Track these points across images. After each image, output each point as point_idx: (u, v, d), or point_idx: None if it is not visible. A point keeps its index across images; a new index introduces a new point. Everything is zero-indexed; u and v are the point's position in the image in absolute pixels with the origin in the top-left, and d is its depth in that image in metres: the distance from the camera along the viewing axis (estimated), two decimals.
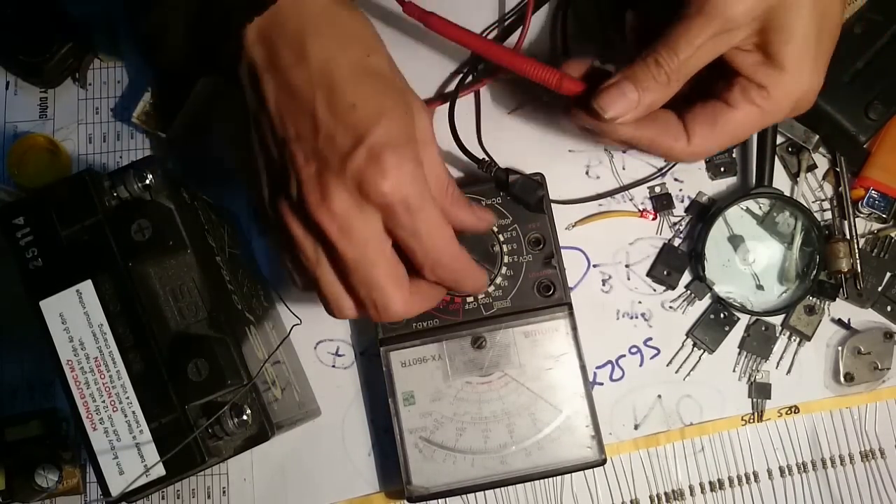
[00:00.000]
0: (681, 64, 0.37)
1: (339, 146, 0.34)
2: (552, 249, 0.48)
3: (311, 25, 0.35)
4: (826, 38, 0.37)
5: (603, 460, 0.46)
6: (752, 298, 0.50)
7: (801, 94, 0.38)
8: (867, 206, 0.50)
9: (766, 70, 0.37)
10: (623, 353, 0.51)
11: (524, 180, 0.47)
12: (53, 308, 0.37)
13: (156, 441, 0.36)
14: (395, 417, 0.46)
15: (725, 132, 0.39)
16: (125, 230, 0.37)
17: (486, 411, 0.46)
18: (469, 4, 0.53)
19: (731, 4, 0.35)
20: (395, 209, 0.35)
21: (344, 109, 0.35)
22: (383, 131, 0.34)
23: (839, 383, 0.50)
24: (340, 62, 0.35)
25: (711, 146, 0.40)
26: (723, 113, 0.39)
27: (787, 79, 0.37)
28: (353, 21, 0.37)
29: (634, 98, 0.38)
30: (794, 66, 0.37)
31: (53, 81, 0.54)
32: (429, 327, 0.47)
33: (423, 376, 0.47)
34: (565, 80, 0.40)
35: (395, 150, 0.34)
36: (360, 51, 0.36)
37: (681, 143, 0.39)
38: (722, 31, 0.36)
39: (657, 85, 0.38)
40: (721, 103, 0.39)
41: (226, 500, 0.50)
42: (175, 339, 0.37)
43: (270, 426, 0.38)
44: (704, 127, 0.39)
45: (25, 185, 0.52)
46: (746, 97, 0.38)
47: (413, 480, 0.46)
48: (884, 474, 0.49)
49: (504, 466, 0.46)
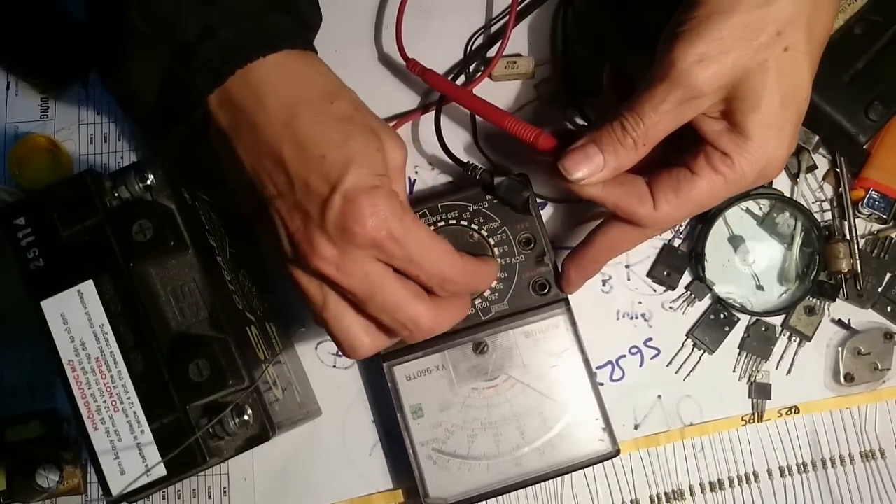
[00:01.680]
0: (646, 129, 0.37)
1: (315, 196, 0.35)
2: (543, 248, 0.48)
3: (268, 83, 0.36)
4: (791, 108, 0.37)
5: (617, 451, 0.45)
6: (752, 299, 0.50)
7: (766, 162, 0.37)
8: (867, 206, 0.50)
9: (731, 138, 0.37)
10: (623, 353, 0.51)
11: (510, 182, 0.47)
12: (55, 308, 0.37)
13: (157, 441, 0.36)
14: (405, 432, 0.46)
15: (690, 200, 0.38)
16: (126, 230, 0.37)
17: (495, 415, 0.46)
18: (458, 6, 0.53)
19: (696, 73, 0.35)
20: (383, 245, 0.36)
21: (314, 160, 0.35)
22: (353, 177, 0.35)
23: (839, 383, 0.50)
24: (302, 114, 0.36)
25: (676, 214, 0.39)
26: (687, 180, 0.38)
27: (752, 147, 0.37)
28: (309, 70, 0.38)
29: (600, 162, 0.38)
30: (758, 134, 0.36)
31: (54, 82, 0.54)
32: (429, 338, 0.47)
33: (429, 387, 0.47)
34: (541, 137, 0.41)
35: (367, 194, 0.35)
36: (321, 98, 0.37)
37: (645, 208, 0.39)
38: (686, 98, 0.36)
39: (623, 150, 0.38)
40: (686, 170, 0.38)
41: (226, 500, 0.50)
42: (176, 339, 0.37)
43: (271, 426, 0.38)
44: (668, 193, 0.38)
45: (26, 185, 0.52)
46: (711, 165, 0.37)
47: (430, 493, 0.46)
48: (884, 474, 0.49)
49: (519, 469, 0.46)
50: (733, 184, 0.38)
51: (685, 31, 0.35)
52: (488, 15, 0.54)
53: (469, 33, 0.53)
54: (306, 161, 0.35)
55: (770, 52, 0.35)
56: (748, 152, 0.37)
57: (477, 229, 0.48)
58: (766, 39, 0.35)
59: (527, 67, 0.52)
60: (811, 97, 0.48)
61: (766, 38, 0.35)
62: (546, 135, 0.42)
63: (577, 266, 0.44)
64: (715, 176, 0.38)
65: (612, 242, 0.43)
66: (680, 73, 0.35)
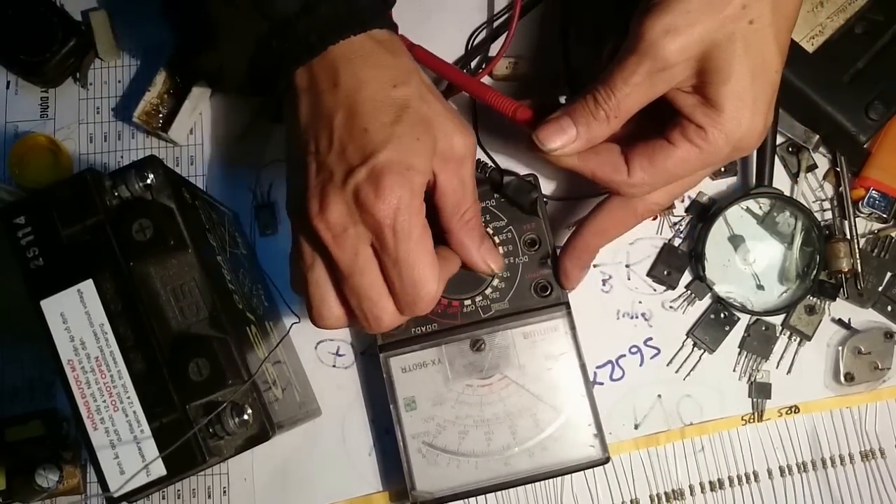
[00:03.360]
0: (618, 102, 0.38)
1: (346, 162, 0.37)
2: (548, 250, 0.48)
3: (346, 59, 0.39)
4: (762, 81, 0.37)
5: (606, 458, 0.46)
6: (752, 298, 0.50)
7: (741, 135, 0.38)
8: (867, 206, 0.50)
9: (705, 111, 0.38)
10: (623, 352, 0.51)
11: (518, 182, 0.47)
12: (54, 308, 0.37)
13: (157, 440, 0.36)
14: (397, 424, 0.46)
15: (664, 169, 0.39)
16: (126, 230, 0.37)
17: (487, 414, 0.46)
18: (458, 6, 0.53)
19: (663, 44, 0.36)
20: (382, 230, 0.36)
21: (358, 131, 0.37)
22: (388, 155, 0.36)
23: (839, 383, 0.50)
24: (365, 91, 0.38)
25: (650, 181, 0.40)
26: (662, 149, 0.39)
27: (725, 120, 0.37)
28: (384, 53, 0.40)
29: (573, 133, 0.39)
30: (730, 107, 0.37)
31: (54, 81, 0.54)
32: (428, 332, 0.47)
33: (424, 381, 0.47)
34: (519, 110, 0.43)
35: (394, 174, 0.36)
36: (387, 81, 0.38)
37: (620, 176, 0.40)
38: (655, 70, 0.37)
39: (595, 122, 0.39)
40: (663, 141, 0.39)
41: (226, 499, 0.50)
42: (176, 338, 0.37)
43: (271, 426, 0.38)
44: (644, 161, 0.40)
45: (26, 184, 0.52)
46: (686, 137, 0.38)
47: (417, 486, 0.46)
48: (884, 474, 0.49)
49: (508, 468, 0.46)
50: (709, 155, 0.39)
51: (654, 6, 0.37)
52: (490, 13, 0.54)
53: (468, 31, 0.53)
54: (351, 130, 0.37)
55: (736, 24, 0.36)
56: (721, 125, 0.38)
57: None
58: (732, 12, 0.36)
59: (527, 68, 0.52)
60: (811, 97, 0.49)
61: (732, 10, 0.36)
62: (523, 107, 0.43)
63: (572, 257, 0.45)
64: (690, 147, 0.39)
65: (602, 226, 0.44)
66: (648, 45, 0.36)
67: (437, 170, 0.38)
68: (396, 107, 0.38)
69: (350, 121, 0.37)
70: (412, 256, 0.37)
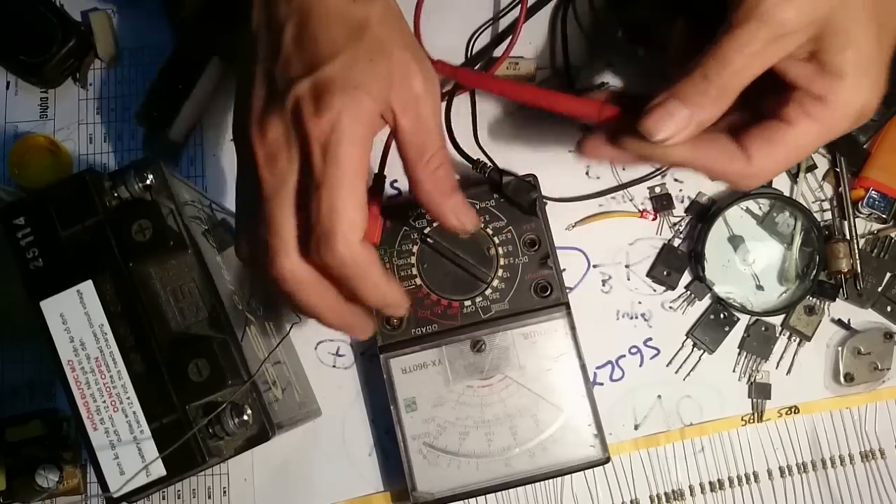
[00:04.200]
0: (732, 76, 0.34)
1: (290, 72, 0.34)
2: (548, 250, 0.48)
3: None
4: (886, 44, 0.35)
5: (606, 459, 0.46)
6: (752, 299, 0.50)
7: (864, 102, 0.35)
8: (867, 206, 0.50)
9: (824, 79, 0.35)
10: (623, 353, 0.51)
11: (517, 182, 0.47)
12: (54, 308, 0.37)
13: (156, 441, 0.36)
14: (397, 425, 0.46)
15: (786, 151, 0.36)
16: (126, 230, 0.37)
17: (488, 414, 0.46)
18: (464, 4, 0.53)
19: (784, 8, 0.33)
20: (312, 148, 0.33)
21: (308, 41, 0.34)
22: (335, 68, 0.34)
23: (839, 383, 0.50)
24: (320, 3, 0.35)
25: (773, 166, 0.37)
26: (779, 130, 0.36)
27: (848, 87, 0.34)
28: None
29: (685, 116, 0.35)
30: (853, 73, 0.34)
31: (54, 81, 0.54)
32: (428, 332, 0.47)
33: (424, 382, 0.47)
34: (604, 109, 0.38)
35: (339, 90, 0.33)
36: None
37: (738, 164, 0.37)
38: (774, 37, 0.33)
39: (707, 101, 0.35)
40: (776, 121, 0.36)
41: (226, 500, 0.50)
42: (176, 339, 0.37)
43: (271, 426, 0.38)
44: (762, 145, 0.36)
45: (26, 185, 0.52)
46: (804, 111, 0.35)
47: (418, 487, 0.46)
48: (884, 474, 0.49)
49: (508, 469, 0.46)
50: (830, 128, 0.36)
51: None
52: (496, 9, 0.54)
53: (469, 32, 0.53)
54: (299, 39, 0.35)
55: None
56: (845, 92, 0.35)
57: (482, 227, 0.48)
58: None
59: (528, 69, 0.52)
60: None
61: None
62: (606, 105, 0.38)
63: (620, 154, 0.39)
64: (810, 122, 0.35)
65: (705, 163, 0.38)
66: (765, 11, 0.33)
67: (396, 109, 0.35)
68: (354, 23, 0.35)
69: (300, 30, 0.35)
70: (336, 182, 0.33)
